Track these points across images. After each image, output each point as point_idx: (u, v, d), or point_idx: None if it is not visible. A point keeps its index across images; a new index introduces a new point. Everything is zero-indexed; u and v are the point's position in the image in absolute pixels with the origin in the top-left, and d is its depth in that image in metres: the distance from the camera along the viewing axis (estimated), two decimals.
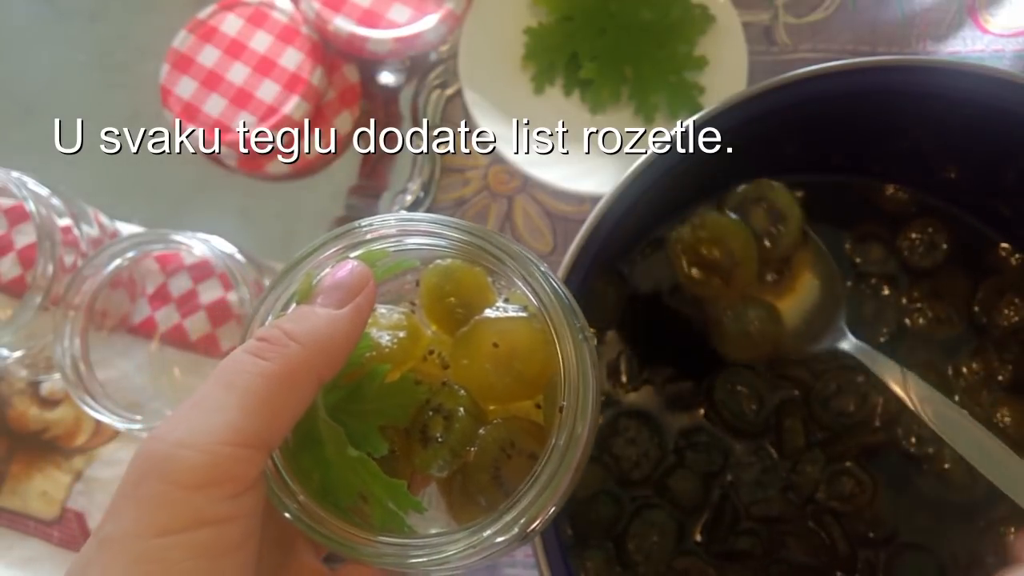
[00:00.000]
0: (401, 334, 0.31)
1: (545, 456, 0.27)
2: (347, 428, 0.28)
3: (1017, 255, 0.50)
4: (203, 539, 0.23)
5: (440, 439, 0.29)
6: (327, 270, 0.28)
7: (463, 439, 0.29)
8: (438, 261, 0.31)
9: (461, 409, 0.29)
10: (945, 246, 0.50)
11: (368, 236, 0.29)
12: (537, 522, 0.27)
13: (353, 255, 0.29)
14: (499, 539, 0.27)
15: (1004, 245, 0.50)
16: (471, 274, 0.31)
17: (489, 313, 0.30)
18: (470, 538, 0.27)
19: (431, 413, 0.29)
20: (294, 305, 0.28)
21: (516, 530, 0.27)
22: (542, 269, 0.29)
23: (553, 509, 0.27)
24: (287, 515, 0.27)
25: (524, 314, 0.30)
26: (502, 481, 0.29)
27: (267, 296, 0.28)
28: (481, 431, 0.30)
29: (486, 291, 0.31)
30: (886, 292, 0.50)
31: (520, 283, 0.29)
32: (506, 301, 0.31)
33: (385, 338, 0.30)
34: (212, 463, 0.23)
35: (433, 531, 0.29)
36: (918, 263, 0.50)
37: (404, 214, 0.29)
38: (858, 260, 0.51)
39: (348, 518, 0.28)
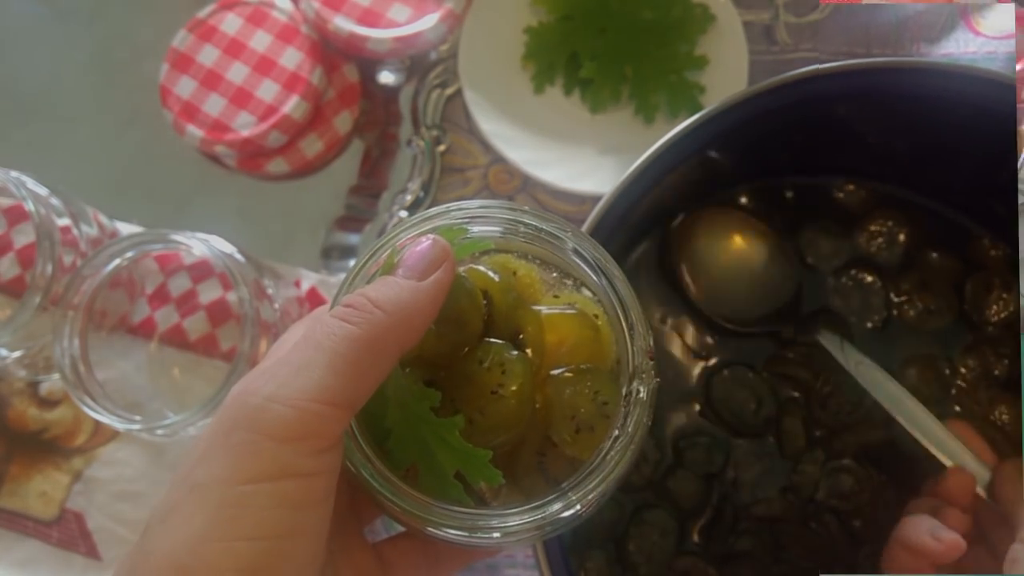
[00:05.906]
0: None
1: (609, 440, 0.28)
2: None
3: (1005, 249, 0.50)
4: (287, 490, 0.24)
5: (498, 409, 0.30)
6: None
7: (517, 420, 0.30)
8: (493, 254, 0.32)
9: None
10: (902, 237, 0.51)
11: (452, 218, 0.30)
12: (597, 501, 0.28)
13: (433, 233, 0.30)
14: (564, 514, 0.27)
15: (988, 240, 0.50)
16: (523, 269, 0.32)
17: (539, 307, 0.31)
18: (535, 511, 0.27)
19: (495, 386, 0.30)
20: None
21: (578, 506, 0.27)
22: (615, 265, 0.30)
23: (611, 489, 0.28)
24: (364, 474, 0.27)
25: (573, 310, 0.31)
26: (545, 467, 0.29)
27: (357, 270, 0.29)
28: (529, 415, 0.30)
29: (537, 286, 0.32)
30: (869, 280, 0.50)
31: (591, 273, 0.30)
32: (555, 297, 0.32)
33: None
34: (300, 418, 0.24)
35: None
36: (884, 258, 0.51)
37: (489, 201, 0.30)
38: (809, 259, 0.51)
39: (412, 485, 0.28)
